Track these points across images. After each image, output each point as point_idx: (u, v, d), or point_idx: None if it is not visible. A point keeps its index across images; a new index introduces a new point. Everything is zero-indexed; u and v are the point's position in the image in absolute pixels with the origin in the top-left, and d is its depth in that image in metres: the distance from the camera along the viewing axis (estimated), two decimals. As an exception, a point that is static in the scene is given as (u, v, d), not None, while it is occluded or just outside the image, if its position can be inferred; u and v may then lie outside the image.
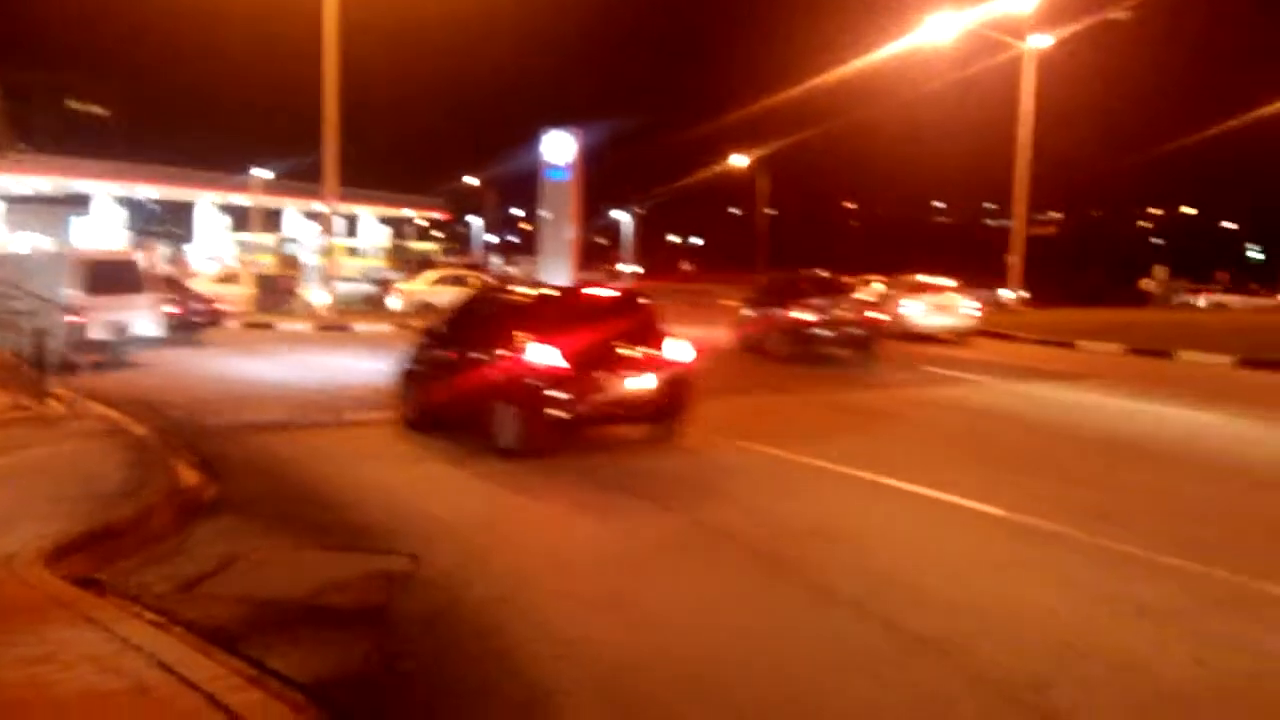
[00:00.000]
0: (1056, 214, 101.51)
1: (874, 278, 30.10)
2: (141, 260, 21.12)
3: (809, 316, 20.12)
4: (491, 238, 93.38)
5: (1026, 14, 33.40)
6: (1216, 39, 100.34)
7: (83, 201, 54.80)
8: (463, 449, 10.76)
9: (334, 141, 29.01)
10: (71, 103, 76.07)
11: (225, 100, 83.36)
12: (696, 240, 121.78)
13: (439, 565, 6.72)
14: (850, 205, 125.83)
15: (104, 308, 17.36)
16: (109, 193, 55.53)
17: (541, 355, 10.33)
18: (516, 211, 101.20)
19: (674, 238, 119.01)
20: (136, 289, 18.54)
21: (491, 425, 10.60)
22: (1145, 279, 49.84)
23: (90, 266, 18.00)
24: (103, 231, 52.28)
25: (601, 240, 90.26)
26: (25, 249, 34.80)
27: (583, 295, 12.18)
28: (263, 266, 40.81)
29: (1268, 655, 5.41)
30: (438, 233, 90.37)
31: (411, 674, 5.09)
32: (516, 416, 10.38)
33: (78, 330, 16.53)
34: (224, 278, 32.63)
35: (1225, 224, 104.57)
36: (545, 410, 10.28)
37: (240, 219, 61.07)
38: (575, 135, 28.83)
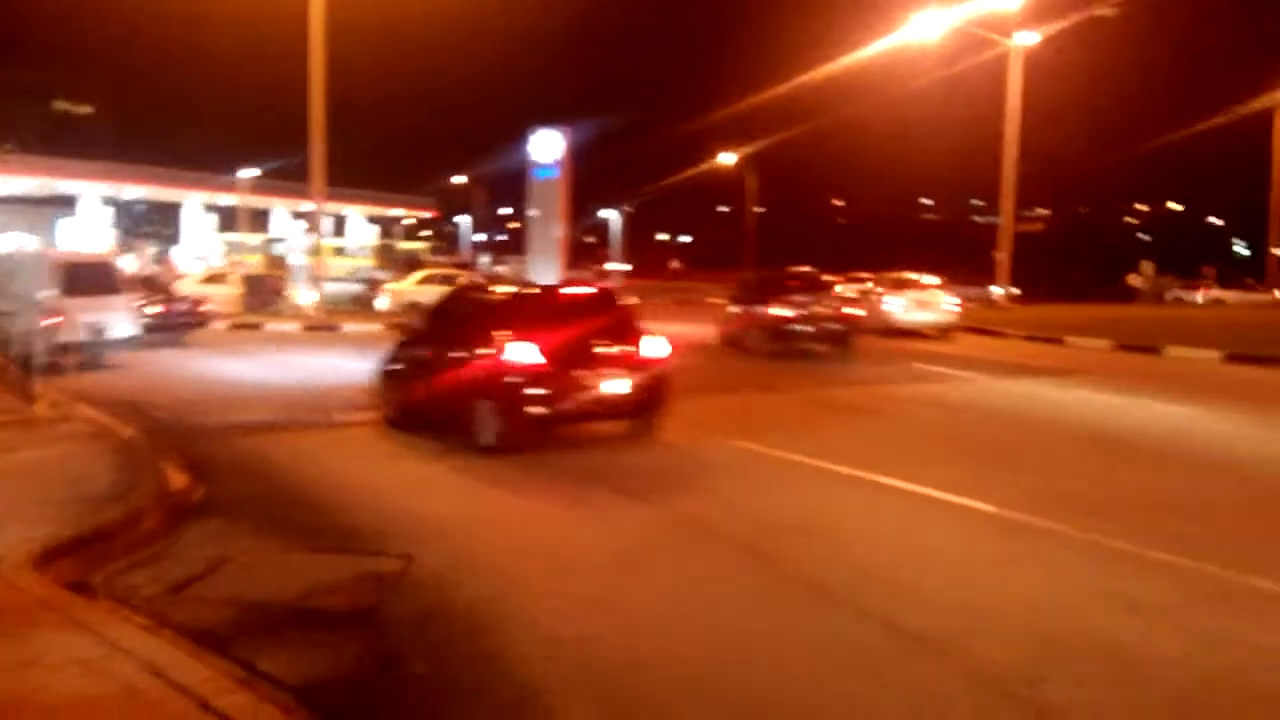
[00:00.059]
0: (1044, 211, 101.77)
1: (863, 275, 30.08)
2: (128, 261, 21.06)
3: (788, 313, 20.52)
4: (480, 237, 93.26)
5: (1013, 11, 33.53)
6: (1201, 35, 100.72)
7: (70, 202, 54.55)
8: (445, 447, 10.78)
9: (321, 141, 28.94)
10: (58, 103, 75.78)
11: (212, 100, 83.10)
12: (685, 238, 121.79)
13: (428, 566, 6.70)
14: (838, 203, 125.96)
15: (80, 309, 17.29)
16: (96, 193, 55.28)
17: (520, 353, 10.41)
18: (505, 210, 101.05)
19: (663, 236, 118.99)
20: (113, 290, 18.53)
21: (472, 423, 10.65)
22: (1132, 275, 49.95)
23: (66, 268, 17.96)
24: (90, 232, 52.02)
25: (590, 239, 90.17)
26: (9, 250, 34.61)
27: (560, 293, 12.27)
28: (250, 267, 40.70)
29: (1257, 649, 5.43)
30: (426, 232, 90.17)
31: (402, 675, 5.07)
32: (496, 414, 10.45)
33: (53, 332, 16.46)
34: (211, 278, 32.54)
35: (1211, 220, 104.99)
36: (524, 408, 10.36)
37: (228, 219, 60.86)
38: (563, 134, 28.82)
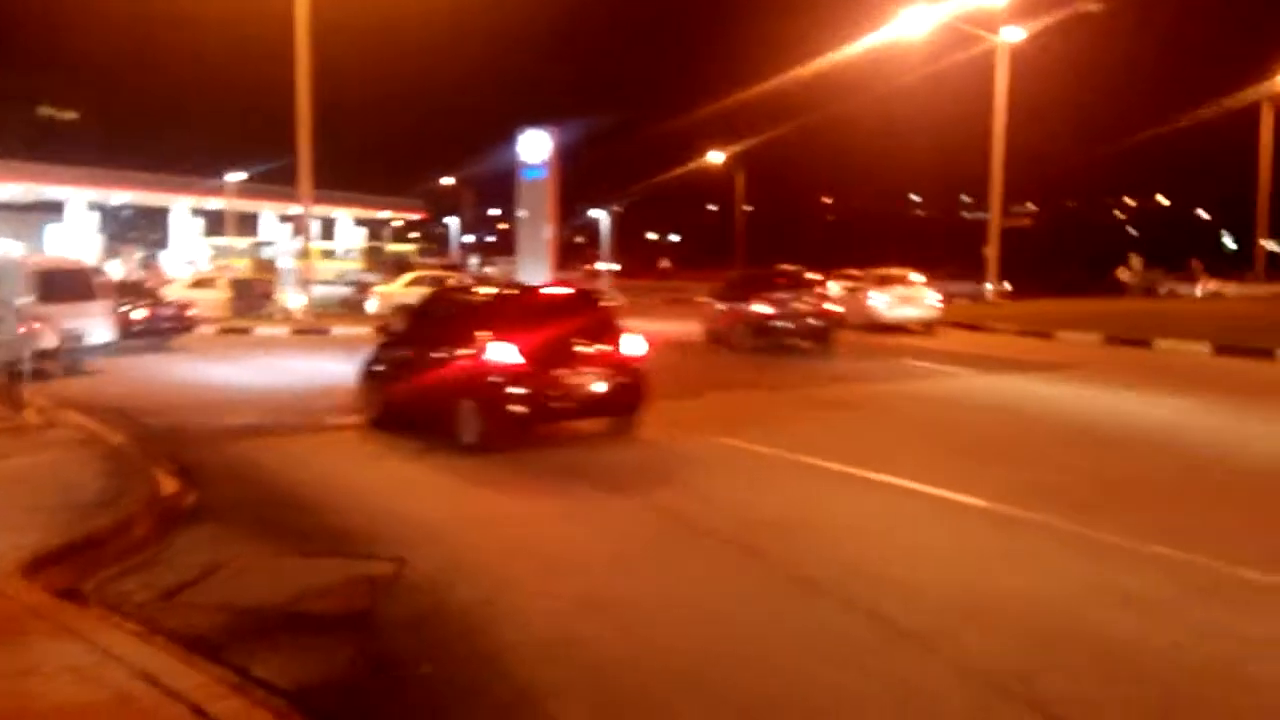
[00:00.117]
0: (1032, 206, 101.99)
1: (853, 272, 30.10)
2: (115, 267, 21.08)
3: (770, 310, 20.97)
4: (469, 238, 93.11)
5: (999, 8, 33.58)
6: (1187, 28, 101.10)
7: (57, 208, 54.34)
8: (429, 447, 10.87)
9: (308, 144, 28.86)
10: (43, 108, 75.40)
11: (199, 104, 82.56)
12: (675, 238, 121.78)
13: (421, 568, 6.69)
14: (827, 200, 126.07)
15: (57, 316, 17.31)
16: (83, 199, 55.06)
17: (501, 353, 10.56)
18: (494, 211, 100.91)
19: (652, 235, 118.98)
20: (89, 296, 18.66)
21: (454, 423, 10.78)
22: (1121, 269, 49.98)
23: (42, 275, 18.02)
24: (77, 238, 51.83)
25: (579, 239, 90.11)
26: None
27: (539, 294, 12.44)
28: (238, 271, 40.57)
29: (1246, 640, 5.45)
30: (415, 234, 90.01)
31: (397, 678, 5.07)
32: (478, 413, 10.58)
33: (32, 339, 16.49)
34: (199, 283, 32.42)
35: (1199, 213, 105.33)
36: (506, 407, 10.52)
37: (216, 223, 60.67)
38: (551, 134, 28.76)
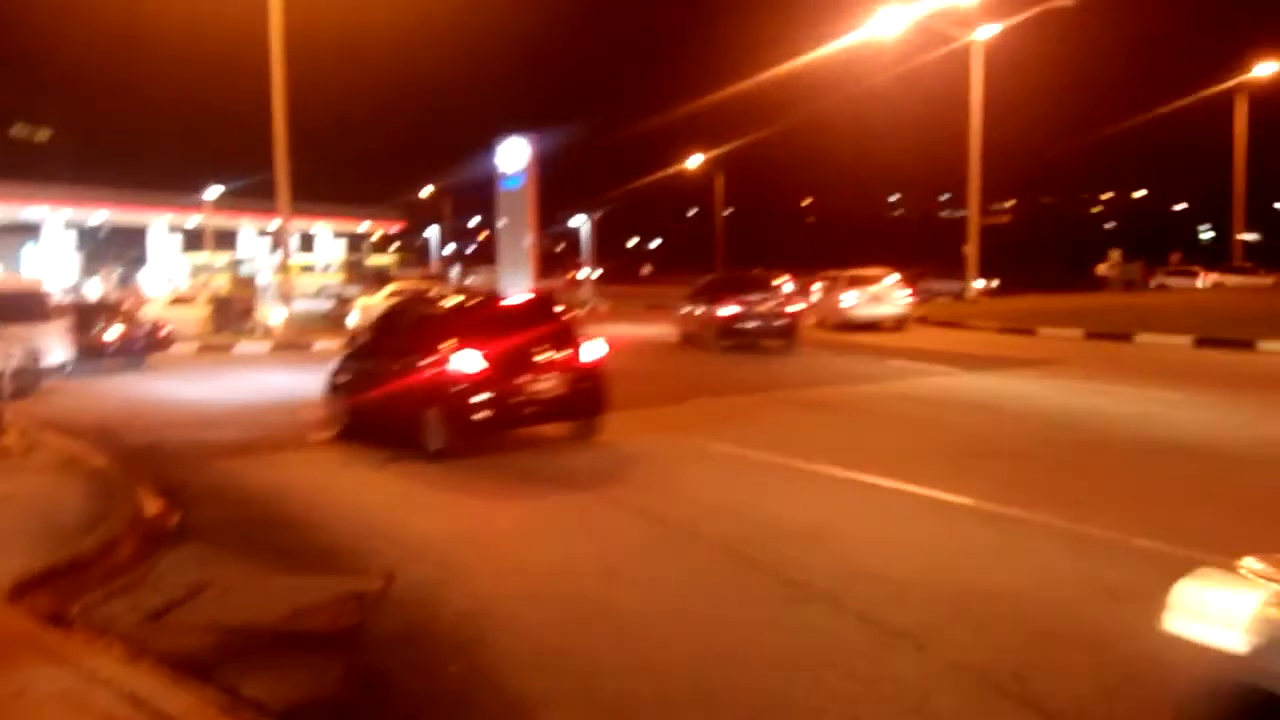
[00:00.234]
0: (1010, 202, 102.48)
1: (832, 272, 30.48)
2: (94, 286, 21.11)
3: (736, 310, 22.12)
4: (449, 248, 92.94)
5: (973, 5, 33.75)
6: (1159, 20, 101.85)
7: (34, 229, 54.01)
8: (398, 456, 11.00)
9: (285, 157, 28.71)
10: (17, 128, 74.89)
11: (175, 120, 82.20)
12: (656, 242, 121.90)
13: (409, 581, 6.65)
14: (807, 201, 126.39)
15: (11, 338, 17.25)
16: (60, 218, 54.74)
17: (464, 361, 10.78)
18: (474, 221, 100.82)
19: (634, 240, 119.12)
20: (44, 318, 18.71)
21: (420, 430, 10.95)
22: (1101, 264, 50.16)
23: None
24: (54, 258, 51.53)
25: (561, 247, 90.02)
26: None
27: (500, 303, 12.63)
28: (217, 288, 40.38)
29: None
30: (395, 245, 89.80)
31: (388, 694, 5.02)
32: (443, 421, 10.78)
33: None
34: (178, 300, 32.22)
35: (1176, 206, 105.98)
36: (471, 414, 10.72)
37: (195, 240, 60.38)
38: (529, 142, 28.71)
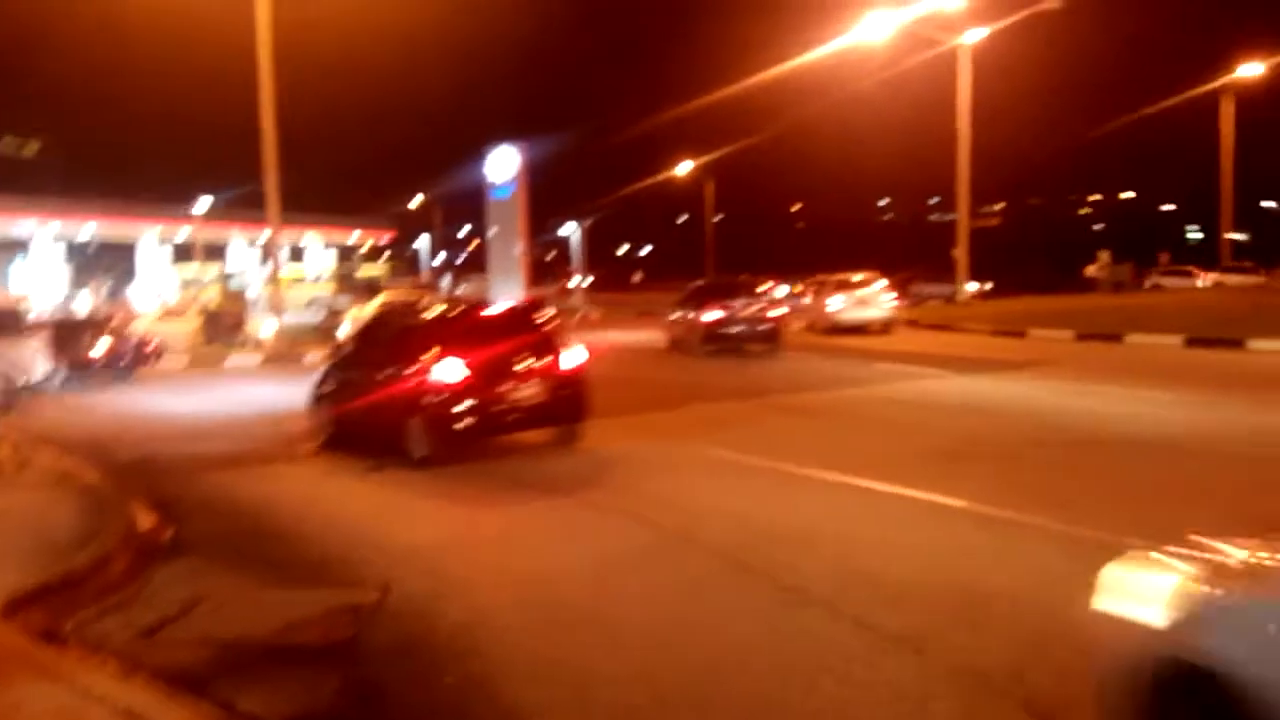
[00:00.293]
0: (998, 205, 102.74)
1: (820, 277, 31.06)
2: (84, 300, 21.18)
3: (720, 315, 22.64)
4: (440, 258, 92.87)
5: (959, 10, 33.87)
6: (1145, 21, 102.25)
7: (23, 244, 53.86)
8: (384, 465, 11.03)
9: (274, 168, 28.69)
10: (4, 141, 74.63)
11: (164, 132, 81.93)
12: (647, 249, 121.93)
13: (404, 592, 6.63)
14: (797, 207, 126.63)
15: None
16: (49, 233, 54.59)
17: (446, 370, 10.86)
18: (465, 229, 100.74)
19: (625, 247, 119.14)
20: (18, 334, 18.93)
21: (404, 439, 11.01)
22: (1090, 265, 50.30)
23: None
24: (44, 273, 51.41)
25: (552, 255, 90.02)
26: None
27: (481, 312, 12.73)
28: (207, 301, 40.29)
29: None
30: (386, 255, 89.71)
31: (384, 706, 5.01)
32: (427, 429, 10.85)
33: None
34: (168, 314, 32.15)
35: (1164, 206, 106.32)
36: (454, 423, 10.79)
37: (185, 253, 60.28)
38: (519, 151, 28.75)
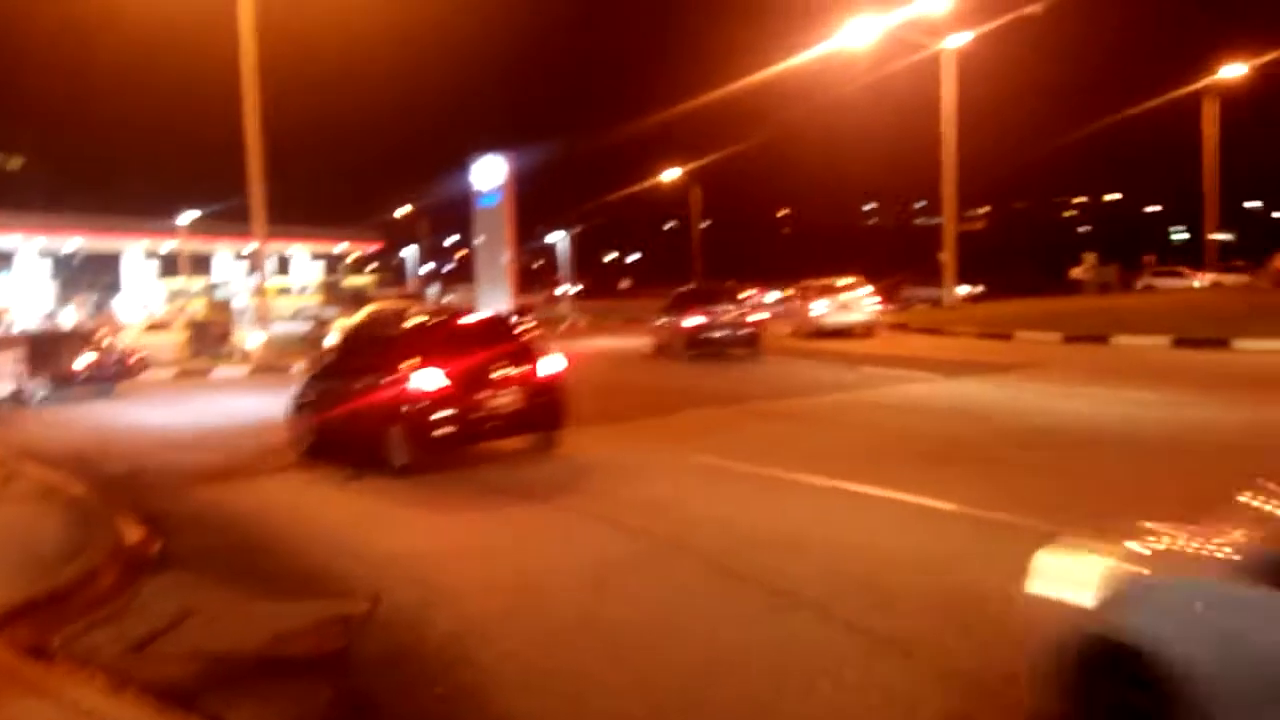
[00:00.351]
0: (984, 208, 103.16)
1: (805, 282, 31.31)
2: (69, 313, 21.23)
3: (702, 321, 23.17)
4: (427, 267, 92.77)
5: (943, 14, 33.99)
6: (1128, 24, 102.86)
7: (8, 258, 53.65)
8: (370, 475, 11.07)
9: (260, 180, 28.61)
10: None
11: (148, 144, 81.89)
12: (635, 256, 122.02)
13: (393, 602, 6.60)
14: (783, 212, 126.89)
15: None
16: (34, 246, 54.36)
17: (425, 379, 10.99)
18: (452, 239, 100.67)
19: (612, 254, 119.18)
20: None
21: (384, 448, 11.12)
22: (1076, 268, 50.42)
23: None
24: (28, 287, 51.18)
25: (539, 263, 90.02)
26: None
27: (459, 321, 12.83)
28: (194, 312, 40.16)
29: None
30: (373, 265, 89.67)
31: (376, 717, 4.98)
32: (406, 438, 10.97)
33: None
34: (154, 326, 32.03)
35: (1148, 207, 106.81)
36: (432, 431, 10.91)
37: (171, 265, 60.09)
38: (506, 159, 28.77)
